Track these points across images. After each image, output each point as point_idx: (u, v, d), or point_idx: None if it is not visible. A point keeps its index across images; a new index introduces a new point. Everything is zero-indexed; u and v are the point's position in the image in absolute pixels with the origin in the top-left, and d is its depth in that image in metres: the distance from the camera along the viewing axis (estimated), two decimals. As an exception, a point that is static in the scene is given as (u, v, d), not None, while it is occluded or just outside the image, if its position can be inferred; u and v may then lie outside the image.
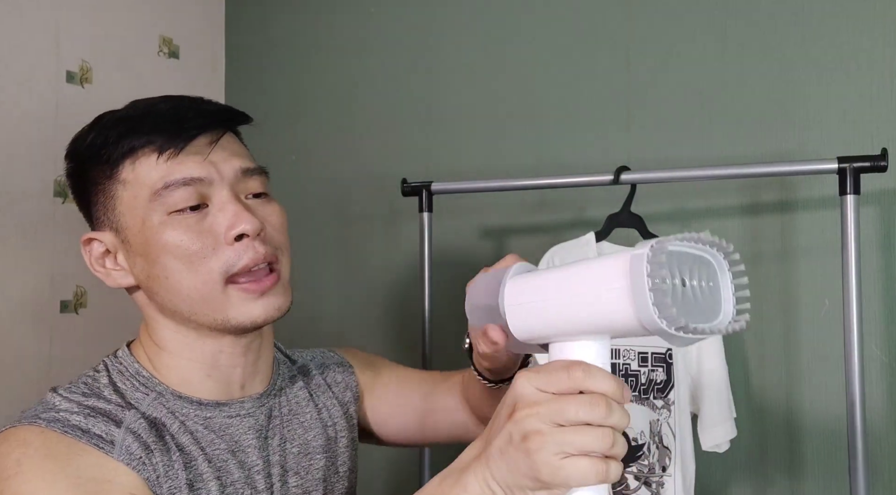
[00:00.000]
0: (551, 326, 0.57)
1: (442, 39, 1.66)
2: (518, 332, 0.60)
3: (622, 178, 1.19)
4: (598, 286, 0.52)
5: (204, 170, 0.71)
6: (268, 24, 1.96)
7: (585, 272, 0.54)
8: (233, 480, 0.72)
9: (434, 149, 1.66)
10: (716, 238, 0.53)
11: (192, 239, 0.70)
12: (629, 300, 0.49)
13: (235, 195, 0.73)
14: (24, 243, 1.56)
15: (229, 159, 0.73)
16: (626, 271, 0.50)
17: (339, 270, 1.81)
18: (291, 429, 0.81)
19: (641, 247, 0.50)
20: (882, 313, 1.19)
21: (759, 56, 1.30)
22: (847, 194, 1.03)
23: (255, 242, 0.71)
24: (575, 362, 0.53)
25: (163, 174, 0.70)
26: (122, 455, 0.65)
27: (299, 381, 0.86)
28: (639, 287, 0.48)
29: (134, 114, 0.73)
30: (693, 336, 0.49)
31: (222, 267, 0.70)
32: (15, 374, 1.50)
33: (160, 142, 0.70)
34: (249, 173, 0.75)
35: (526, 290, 0.59)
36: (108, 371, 0.74)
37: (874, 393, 1.17)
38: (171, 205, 0.70)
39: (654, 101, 1.40)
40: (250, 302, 0.72)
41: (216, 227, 0.71)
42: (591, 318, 0.53)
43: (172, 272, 0.70)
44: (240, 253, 0.71)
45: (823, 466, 1.23)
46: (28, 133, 1.59)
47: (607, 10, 1.45)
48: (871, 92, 1.20)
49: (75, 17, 1.68)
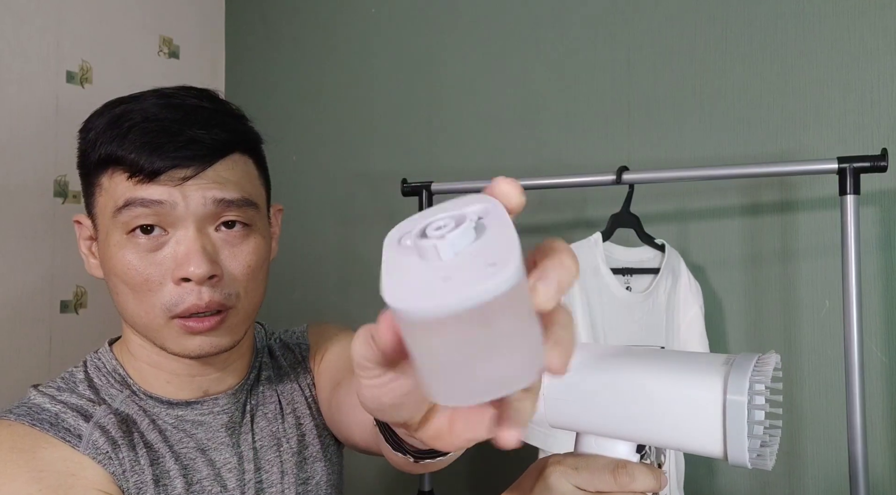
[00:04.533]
0: (599, 428, 0.52)
1: (442, 40, 1.66)
2: (553, 417, 0.54)
3: (623, 178, 1.19)
4: (684, 414, 0.49)
5: (167, 194, 0.66)
6: (268, 24, 1.96)
7: (667, 390, 0.50)
8: (199, 478, 0.72)
9: (434, 149, 1.66)
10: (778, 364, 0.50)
11: (140, 268, 0.67)
12: (720, 440, 0.47)
13: (199, 230, 0.67)
14: (24, 243, 1.56)
15: (207, 189, 0.67)
16: (720, 410, 0.47)
17: (339, 270, 1.80)
18: (257, 422, 0.80)
19: (734, 376, 0.47)
20: (882, 313, 1.19)
21: (759, 56, 1.30)
22: (847, 194, 1.03)
23: (201, 288, 0.67)
24: (619, 463, 0.51)
25: (126, 191, 0.66)
26: (88, 449, 0.66)
27: (266, 370, 0.84)
28: (736, 433, 0.47)
29: (126, 121, 0.68)
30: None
31: (164, 305, 0.67)
32: (15, 374, 1.50)
33: (135, 165, 0.66)
34: (227, 205, 0.69)
35: (574, 384, 0.53)
36: (87, 367, 0.75)
37: (874, 393, 1.17)
38: (125, 223, 0.67)
39: (654, 101, 1.40)
40: (187, 338, 0.69)
41: (167, 262, 0.67)
42: (657, 437, 0.50)
43: (120, 294, 0.69)
44: (183, 295, 0.67)
45: (823, 466, 1.23)
46: (28, 133, 1.59)
47: (607, 10, 1.45)
48: (871, 92, 1.20)
49: (75, 17, 1.68)
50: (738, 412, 0.46)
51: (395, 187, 1.44)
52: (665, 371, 0.50)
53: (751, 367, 0.47)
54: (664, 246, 1.26)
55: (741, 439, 0.46)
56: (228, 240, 0.70)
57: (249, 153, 0.74)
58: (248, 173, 0.73)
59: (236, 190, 0.70)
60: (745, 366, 0.47)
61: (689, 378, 0.49)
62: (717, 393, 0.47)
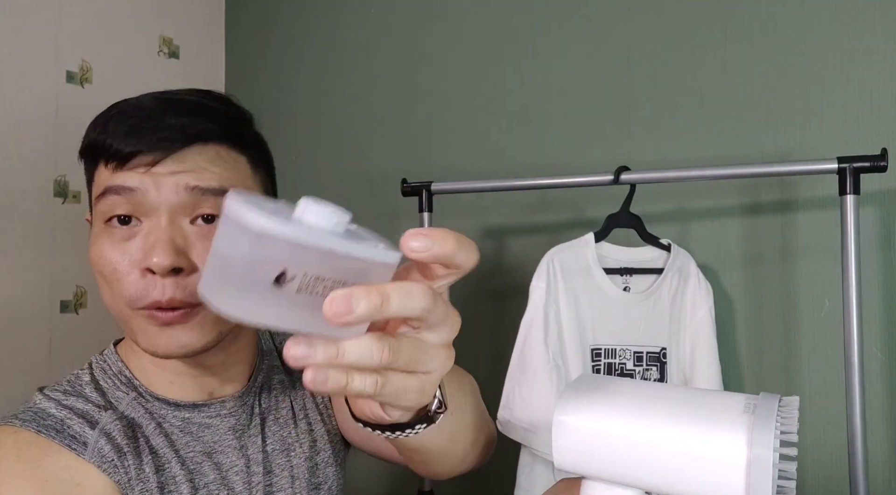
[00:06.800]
0: (612, 473, 0.50)
1: (442, 39, 1.66)
2: (561, 460, 0.52)
3: (622, 178, 1.19)
4: (704, 466, 0.46)
5: (139, 181, 0.64)
6: (268, 24, 1.96)
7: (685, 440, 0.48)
8: (206, 482, 0.72)
9: (434, 149, 1.66)
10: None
11: (111, 257, 0.65)
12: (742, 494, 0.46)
13: (171, 220, 0.65)
14: (24, 243, 1.56)
15: (180, 175, 0.64)
16: (743, 465, 0.45)
17: (339, 270, 1.80)
18: (269, 426, 0.79)
19: (758, 429, 0.45)
20: (882, 313, 1.19)
21: (759, 56, 1.30)
22: (847, 194, 1.03)
23: (165, 281, 0.63)
24: None
25: (104, 180, 0.66)
26: (93, 457, 0.65)
27: (279, 374, 0.84)
28: (761, 489, 0.45)
29: (113, 110, 0.68)
30: None
31: (128, 297, 0.65)
32: (15, 374, 1.50)
33: (110, 151, 0.65)
34: (201, 192, 0.65)
35: (585, 429, 0.50)
36: (92, 369, 0.74)
37: (874, 392, 1.17)
38: (104, 212, 0.65)
39: (654, 101, 1.40)
40: (153, 333, 0.66)
41: (136, 253, 0.65)
42: (676, 487, 0.48)
43: (99, 286, 0.68)
44: (147, 288, 0.64)
45: (823, 466, 1.23)
46: (28, 133, 1.59)
47: (607, 10, 1.45)
48: (871, 92, 1.20)
49: (75, 17, 1.68)
50: (763, 467, 0.44)
51: (395, 187, 1.44)
52: (683, 419, 0.48)
53: (774, 416, 0.45)
54: (671, 246, 1.25)
55: (765, 493, 0.44)
56: (204, 233, 0.66)
57: (242, 151, 0.71)
58: (236, 169, 0.69)
59: (214, 180, 0.66)
60: (768, 416, 0.45)
61: (709, 428, 0.47)
62: (741, 446, 0.45)
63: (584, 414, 0.51)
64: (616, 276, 1.26)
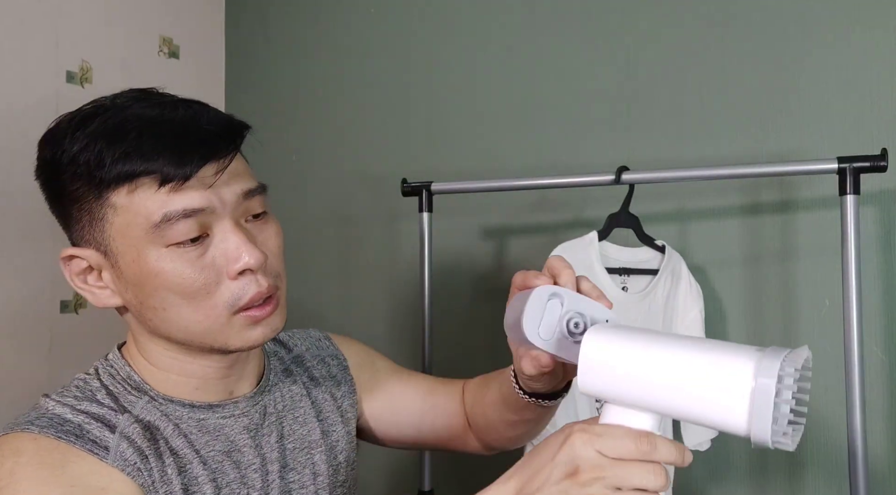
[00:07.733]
0: (628, 396, 0.55)
1: (442, 39, 1.66)
2: (585, 385, 0.58)
3: (623, 178, 1.19)
4: (714, 390, 0.51)
5: (206, 199, 0.66)
6: (268, 24, 1.96)
7: (697, 366, 0.52)
8: (228, 481, 0.72)
9: (434, 149, 1.66)
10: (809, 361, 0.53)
11: (194, 275, 0.67)
12: (745, 419, 0.50)
13: (236, 223, 0.69)
14: (24, 243, 1.56)
15: (231, 184, 0.69)
16: (748, 391, 0.49)
17: (339, 270, 1.81)
18: (287, 425, 0.81)
19: (766, 361, 0.49)
20: (882, 313, 1.19)
21: (758, 56, 1.30)
22: (847, 194, 1.03)
23: (257, 276, 0.69)
24: (641, 433, 0.54)
25: (161, 205, 0.65)
26: (116, 460, 0.64)
27: (294, 375, 0.86)
28: (762, 415, 0.49)
29: (128, 128, 0.66)
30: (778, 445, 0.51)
31: (227, 302, 0.68)
32: (15, 374, 1.50)
33: (163, 173, 0.64)
34: (251, 195, 0.71)
35: (612, 351, 0.56)
36: (99, 374, 0.73)
37: (874, 393, 1.18)
38: (170, 237, 0.65)
39: (654, 101, 1.40)
40: (251, 329, 0.71)
41: (219, 261, 0.68)
42: (684, 409, 0.53)
43: (171, 306, 0.68)
44: (244, 287, 0.69)
45: (823, 466, 1.23)
46: (28, 133, 1.58)
47: (607, 10, 1.45)
48: (871, 92, 1.20)
49: (75, 17, 1.68)
50: (765, 394, 0.48)
51: (395, 187, 1.44)
52: (699, 349, 0.53)
53: (782, 355, 0.49)
54: (665, 247, 1.25)
55: (765, 421, 0.48)
56: (258, 227, 0.72)
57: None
58: (244, 161, 0.75)
59: (252, 179, 0.72)
60: (777, 354, 0.50)
61: (722, 357, 0.51)
62: (748, 374, 0.49)
63: (612, 337, 0.57)
64: (615, 276, 1.26)
